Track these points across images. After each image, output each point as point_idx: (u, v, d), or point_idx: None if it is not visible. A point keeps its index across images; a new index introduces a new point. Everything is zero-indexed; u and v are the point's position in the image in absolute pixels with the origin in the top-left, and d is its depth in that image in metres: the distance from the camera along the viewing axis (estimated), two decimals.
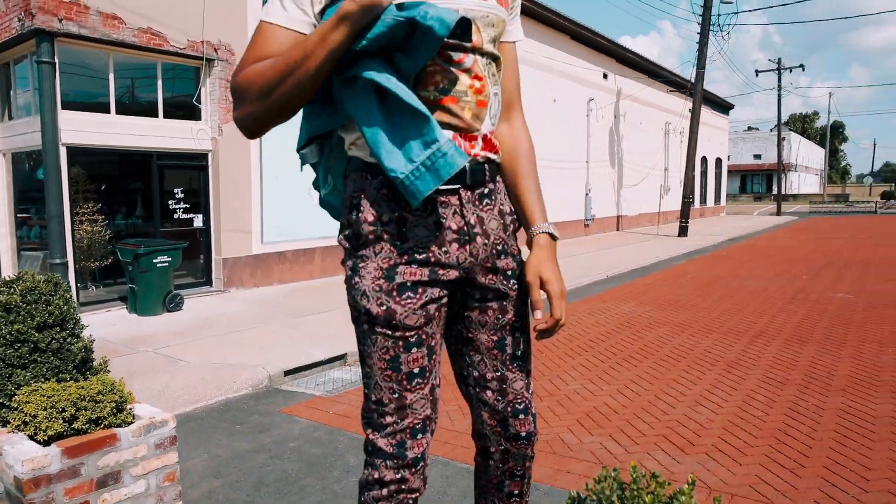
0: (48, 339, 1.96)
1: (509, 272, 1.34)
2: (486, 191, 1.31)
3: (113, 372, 2.63)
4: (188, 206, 8.35)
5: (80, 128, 7.10)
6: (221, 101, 8.30)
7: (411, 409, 1.25)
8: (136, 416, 2.10)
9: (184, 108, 8.25)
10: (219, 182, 8.42)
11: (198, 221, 8.44)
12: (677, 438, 3.54)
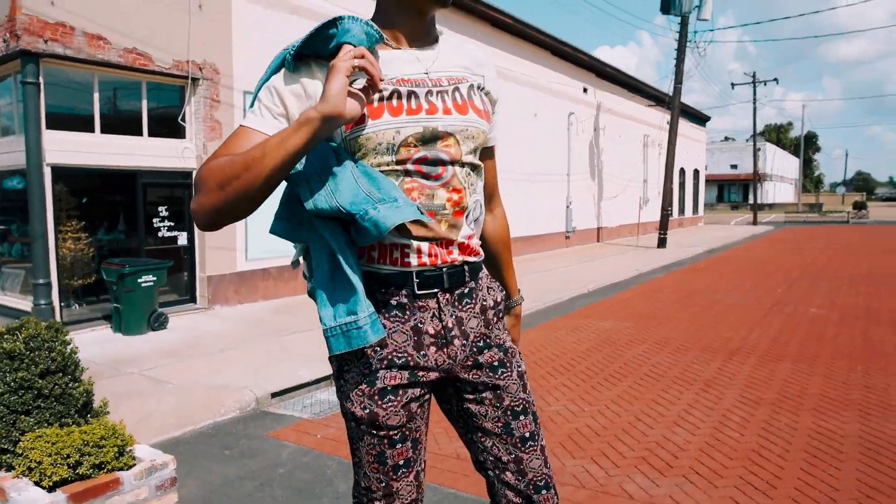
0: (51, 385, 2.03)
1: (495, 363, 1.38)
2: (467, 290, 1.34)
3: (100, 395, 2.66)
4: (173, 223, 8.37)
5: (65, 148, 7.11)
6: (207, 119, 8.35)
7: (398, 495, 1.34)
8: (137, 459, 2.17)
9: (169, 127, 8.28)
10: None
11: (182, 239, 8.46)
12: (656, 461, 3.67)
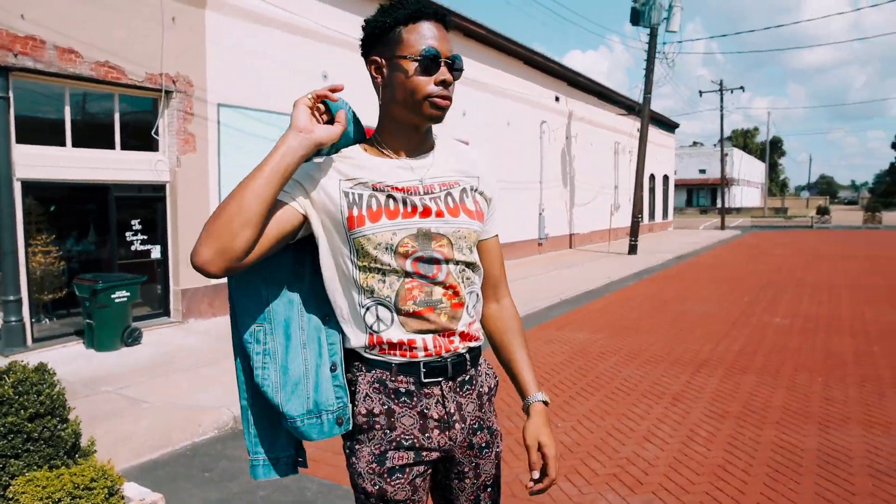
0: (40, 428, 2.05)
1: (483, 444, 1.54)
2: (467, 377, 1.50)
3: (74, 414, 2.66)
4: (146, 237, 8.30)
5: (36, 162, 7.02)
6: (180, 132, 8.31)
7: None
8: (126, 499, 2.21)
9: (142, 140, 8.22)
10: (177, 213, 8.41)
11: (156, 253, 8.40)
12: (627, 477, 3.81)
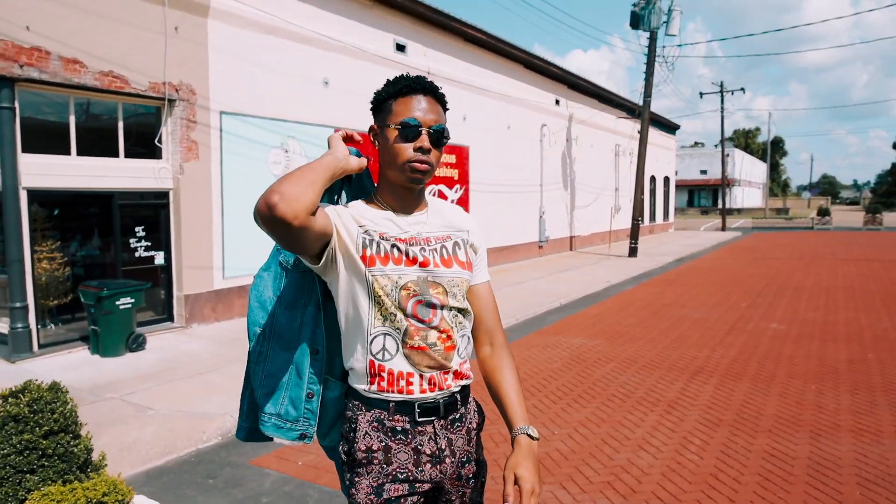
0: (54, 445, 2.16)
1: (471, 475, 1.70)
2: (458, 415, 1.66)
3: (85, 430, 2.77)
4: (149, 243, 8.41)
5: (41, 171, 7.14)
6: (183, 140, 8.41)
7: None
8: None
9: (145, 148, 8.33)
10: (180, 219, 8.51)
11: (159, 259, 8.51)
12: (620, 486, 3.90)
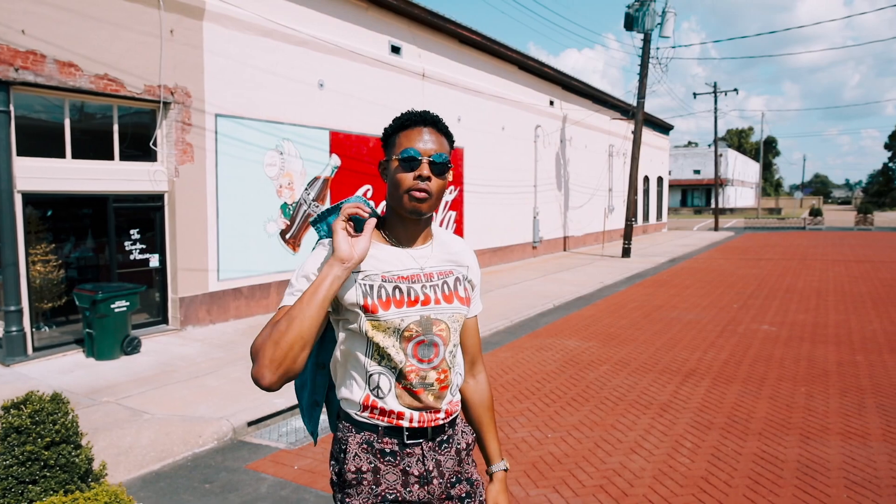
0: (56, 456, 2.19)
1: (464, 495, 1.74)
2: (445, 437, 1.71)
3: (86, 440, 2.80)
4: (144, 246, 8.42)
5: (36, 174, 7.14)
6: (178, 143, 8.43)
7: None
8: None
9: (140, 150, 8.34)
10: (175, 222, 8.53)
11: (154, 261, 8.52)
12: (613, 489, 3.96)
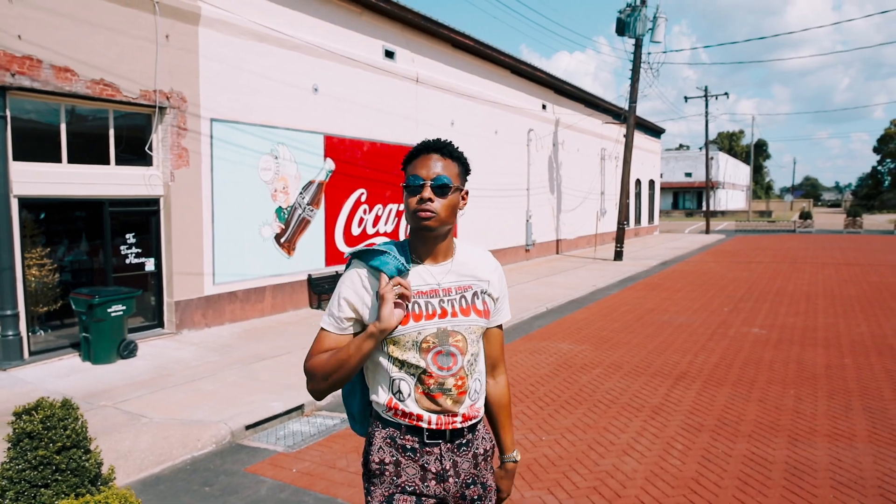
0: (67, 460, 2.25)
1: (476, 497, 1.87)
2: (465, 441, 1.83)
3: (95, 444, 2.85)
4: (140, 250, 8.45)
5: (32, 179, 7.16)
6: (174, 147, 8.46)
7: None
8: None
9: (136, 155, 8.37)
10: (171, 226, 8.56)
11: (150, 265, 8.55)
12: (606, 490, 4.04)
